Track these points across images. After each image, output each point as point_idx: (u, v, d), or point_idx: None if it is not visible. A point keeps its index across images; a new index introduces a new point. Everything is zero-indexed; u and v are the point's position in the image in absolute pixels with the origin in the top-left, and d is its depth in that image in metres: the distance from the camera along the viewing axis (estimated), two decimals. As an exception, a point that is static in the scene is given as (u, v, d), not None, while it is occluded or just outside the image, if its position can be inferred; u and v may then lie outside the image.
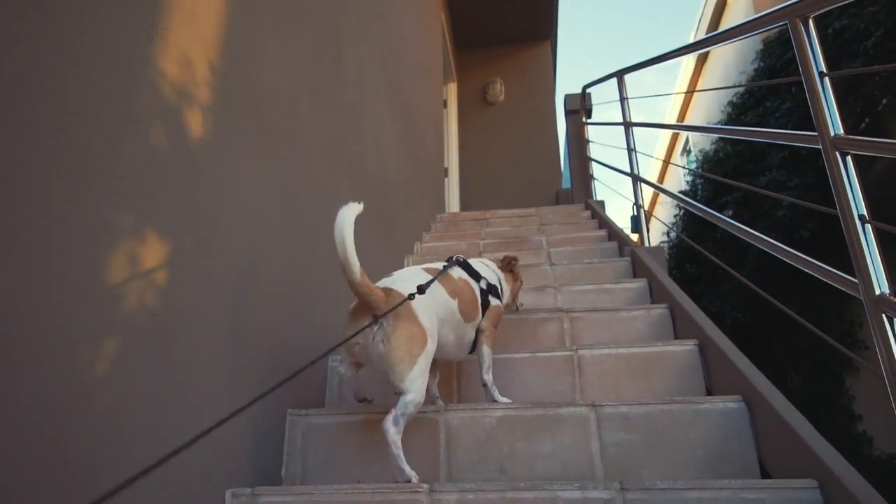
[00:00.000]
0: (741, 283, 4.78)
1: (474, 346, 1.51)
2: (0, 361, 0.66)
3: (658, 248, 2.52)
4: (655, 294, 2.10)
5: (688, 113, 8.69)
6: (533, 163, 6.27)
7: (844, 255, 1.10)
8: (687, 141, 8.80)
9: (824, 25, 3.81)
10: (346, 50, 2.16)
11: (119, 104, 0.89)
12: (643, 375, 1.58)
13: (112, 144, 0.87)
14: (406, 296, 1.18)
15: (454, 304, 1.39)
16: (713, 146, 5.41)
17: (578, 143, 4.38)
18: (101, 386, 0.81)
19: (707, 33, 7.24)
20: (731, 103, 5.16)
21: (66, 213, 0.76)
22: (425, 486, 1.10)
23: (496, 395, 1.47)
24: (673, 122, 9.03)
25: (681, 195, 2.81)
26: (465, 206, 6.03)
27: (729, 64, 6.66)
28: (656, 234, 7.31)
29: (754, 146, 4.76)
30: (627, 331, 1.87)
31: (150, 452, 0.89)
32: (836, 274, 1.13)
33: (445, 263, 1.48)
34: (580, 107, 4.41)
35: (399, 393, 1.17)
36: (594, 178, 4.17)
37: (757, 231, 1.59)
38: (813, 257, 1.25)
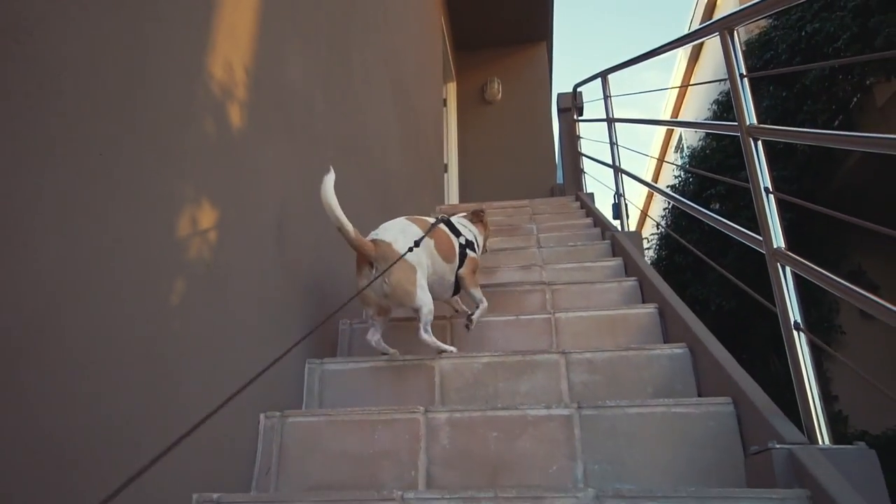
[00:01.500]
0: (726, 271, 5.03)
1: (457, 290, 1.84)
2: (111, 287, 0.92)
3: (635, 233, 2.78)
4: (629, 270, 2.36)
5: (681, 110, 8.95)
6: (529, 159, 6.53)
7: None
8: (680, 139, 9.06)
9: (799, 27, 4.07)
10: (353, 54, 2.42)
11: (185, 100, 1.15)
12: (610, 333, 1.84)
13: (179, 132, 1.13)
14: (390, 243, 1.55)
15: (432, 243, 1.70)
16: (700, 143, 5.66)
17: (570, 139, 4.64)
18: (175, 312, 1.07)
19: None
20: (716, 101, 5.42)
21: (148, 181, 1.03)
22: (421, 407, 1.36)
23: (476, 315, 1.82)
24: (668, 119, 9.29)
25: (655, 185, 3.07)
26: (463, 200, 6.29)
27: (719, 62, 6.92)
28: (649, 227, 7.55)
29: (737, 142, 5.03)
30: (602, 300, 2.12)
31: (210, 363, 1.16)
32: (745, 232, 1.40)
33: (432, 218, 1.83)
34: (571, 105, 4.66)
35: (417, 310, 1.57)
36: (584, 172, 4.43)
37: (739, 222, 1.82)
38: (802, 244, 1.50)
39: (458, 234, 1.87)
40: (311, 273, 1.79)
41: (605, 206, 3.45)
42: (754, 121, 1.35)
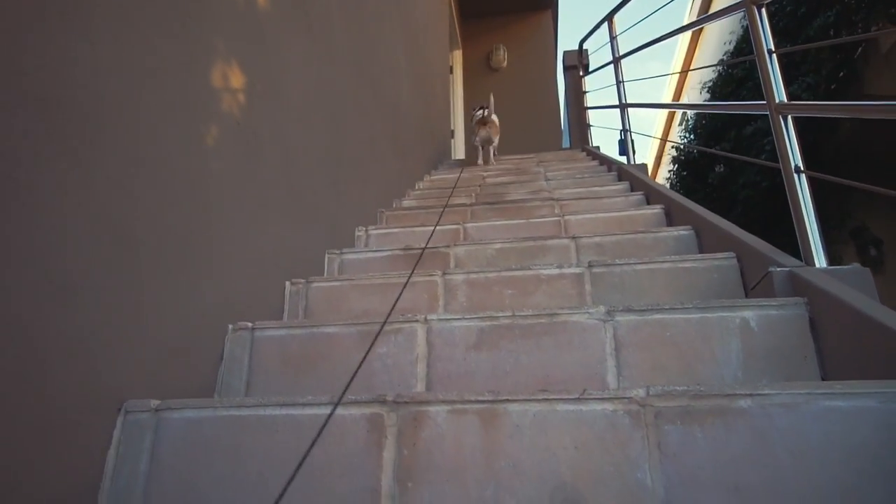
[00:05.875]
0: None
1: None
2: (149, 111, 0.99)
3: (641, 164, 2.83)
4: (636, 188, 2.42)
5: (683, 89, 8.95)
6: (535, 126, 6.57)
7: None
8: (685, 113, 9.05)
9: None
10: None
11: (216, -41, 1.22)
12: (618, 230, 1.90)
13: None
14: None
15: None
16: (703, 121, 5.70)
17: (576, 95, 4.69)
18: (211, 154, 1.14)
19: None
20: (721, 61, 5.44)
21: (189, 28, 1.09)
22: (439, 271, 1.43)
23: None
24: (670, 99, 9.31)
25: (664, 104, 3.12)
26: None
27: (720, 40, 6.93)
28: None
29: (742, 101, 5.07)
30: (610, 208, 2.18)
31: (244, 213, 1.23)
32: (748, 104, 1.44)
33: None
34: (577, 62, 4.70)
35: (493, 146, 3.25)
36: (590, 126, 4.47)
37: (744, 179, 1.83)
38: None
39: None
40: (326, 177, 1.86)
41: (613, 155, 3.54)
42: (784, 98, 1.31)
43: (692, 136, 5.78)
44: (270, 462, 0.78)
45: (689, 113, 8.40)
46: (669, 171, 6.14)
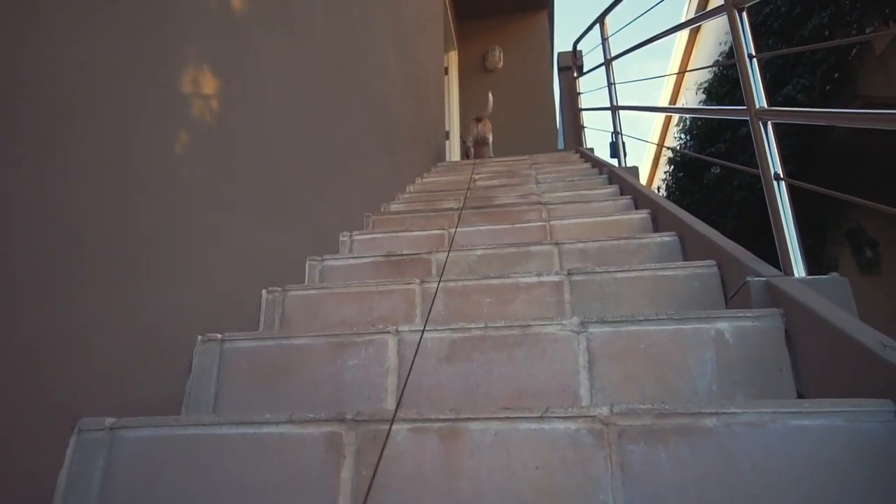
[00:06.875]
0: (724, 231, 5.07)
1: None
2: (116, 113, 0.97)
3: (632, 167, 2.81)
4: (625, 192, 2.40)
5: (680, 90, 8.94)
6: (531, 127, 6.55)
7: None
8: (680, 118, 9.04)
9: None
10: (352, -16, 2.46)
11: (186, -37, 1.20)
12: (604, 235, 1.88)
13: (182, -7, 1.18)
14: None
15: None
16: (701, 105, 5.68)
17: (570, 96, 4.67)
18: (181, 159, 1.12)
19: None
20: (717, 62, 5.42)
21: (161, 28, 1.07)
22: (417, 279, 1.41)
23: None
24: (667, 99, 9.29)
25: (655, 107, 3.09)
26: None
27: (716, 40, 6.91)
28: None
29: (737, 103, 5.05)
30: (597, 212, 2.16)
31: (215, 220, 1.21)
32: (730, 108, 1.42)
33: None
34: (571, 63, 4.68)
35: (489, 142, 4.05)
36: (584, 128, 4.45)
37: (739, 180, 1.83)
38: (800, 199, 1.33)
39: None
40: (308, 180, 1.84)
41: (606, 157, 3.52)
42: (764, 104, 1.28)
43: (688, 137, 5.77)
44: (227, 481, 0.76)
45: (687, 121, 8.39)
46: (665, 173, 6.12)
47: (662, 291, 1.31)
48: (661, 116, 9.36)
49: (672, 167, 5.85)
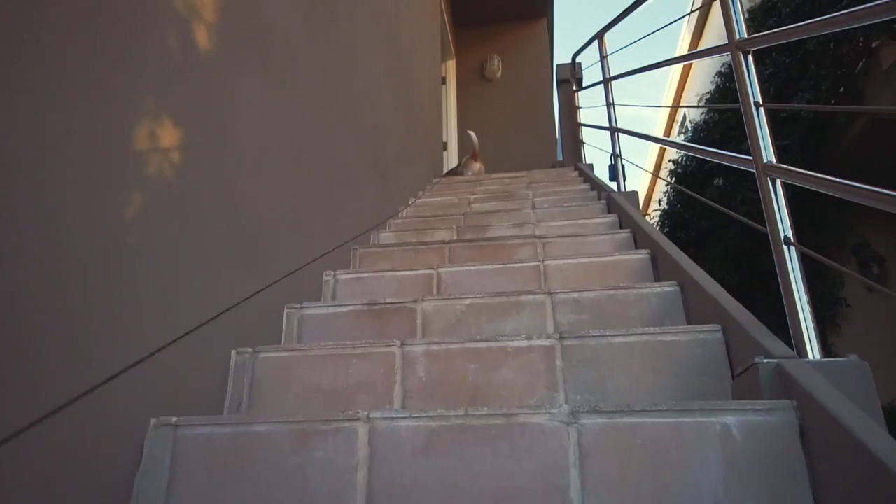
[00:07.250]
0: (727, 246, 4.95)
1: None
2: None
3: (631, 192, 2.71)
4: (623, 224, 2.30)
5: (686, 86, 8.83)
6: (530, 136, 6.44)
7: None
8: (684, 118, 8.95)
9: None
10: (339, 7, 2.36)
11: (142, 7, 1.09)
12: (601, 279, 1.78)
13: (136, 40, 1.08)
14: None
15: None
16: (703, 116, 5.57)
17: (569, 110, 4.56)
18: (133, 224, 1.02)
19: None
20: (719, 73, 5.32)
21: (99, 77, 0.97)
22: (397, 341, 1.31)
23: None
24: (673, 91, 9.20)
25: (651, 136, 2.98)
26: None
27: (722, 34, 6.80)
28: (652, 206, 7.44)
29: (739, 114, 4.93)
30: (594, 251, 2.06)
31: (176, 287, 1.11)
32: (734, 156, 1.33)
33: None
34: (570, 76, 4.57)
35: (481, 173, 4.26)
36: (583, 143, 4.35)
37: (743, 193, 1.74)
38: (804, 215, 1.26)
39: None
40: (287, 224, 1.73)
41: (604, 177, 3.40)
42: (772, 158, 1.16)
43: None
44: None
45: (688, 120, 8.27)
46: (667, 185, 6.01)
47: (662, 359, 1.20)
48: (662, 125, 9.27)
49: (674, 179, 5.74)
